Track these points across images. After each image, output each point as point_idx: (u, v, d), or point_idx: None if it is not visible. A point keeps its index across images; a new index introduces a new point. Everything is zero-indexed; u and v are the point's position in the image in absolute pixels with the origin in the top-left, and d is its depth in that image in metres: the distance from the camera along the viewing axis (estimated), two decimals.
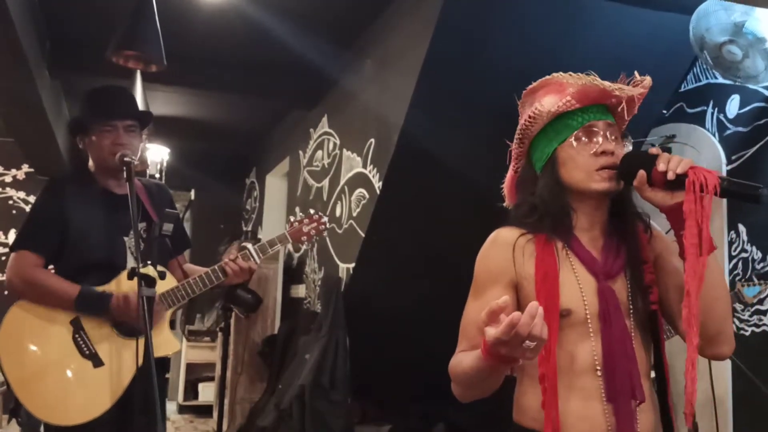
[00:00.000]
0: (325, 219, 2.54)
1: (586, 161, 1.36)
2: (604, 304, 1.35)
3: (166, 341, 2.29)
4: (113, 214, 2.29)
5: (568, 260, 1.37)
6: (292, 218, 2.53)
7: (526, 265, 1.37)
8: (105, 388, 2.15)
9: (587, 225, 1.41)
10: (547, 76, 1.42)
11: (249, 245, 2.38)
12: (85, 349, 2.19)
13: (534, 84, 1.44)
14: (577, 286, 1.36)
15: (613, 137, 1.39)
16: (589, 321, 1.35)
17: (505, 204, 1.57)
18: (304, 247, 2.48)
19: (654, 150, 1.32)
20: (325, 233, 2.59)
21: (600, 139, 1.37)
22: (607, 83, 1.36)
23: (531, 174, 1.44)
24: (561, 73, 1.40)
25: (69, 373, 2.17)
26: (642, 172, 1.30)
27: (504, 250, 1.38)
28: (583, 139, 1.38)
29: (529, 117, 1.40)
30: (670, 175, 1.27)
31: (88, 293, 2.19)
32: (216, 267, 2.33)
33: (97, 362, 2.18)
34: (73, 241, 2.24)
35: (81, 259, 2.23)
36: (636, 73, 1.42)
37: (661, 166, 1.28)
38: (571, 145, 1.38)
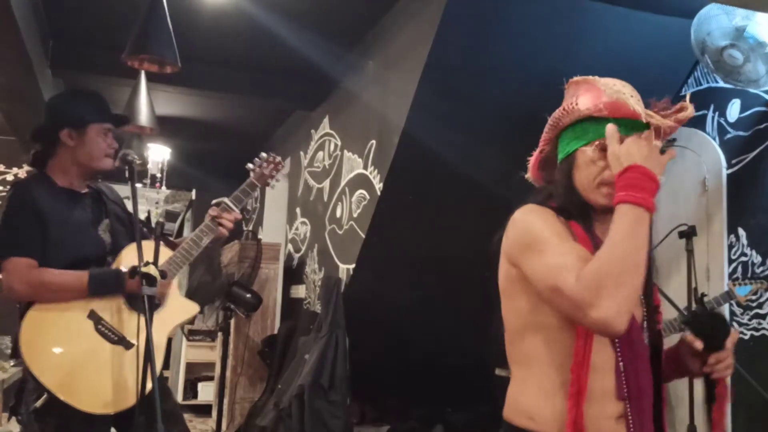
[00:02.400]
0: (279, 158, 2.61)
1: (594, 172, 1.37)
2: None
3: (183, 306, 2.37)
4: (82, 211, 2.33)
5: None
6: (250, 165, 2.60)
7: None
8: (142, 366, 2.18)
9: (604, 229, 1.37)
10: (593, 77, 1.42)
11: (224, 198, 2.47)
12: (112, 335, 2.21)
13: (581, 78, 1.44)
14: None
15: None
16: None
17: (527, 175, 1.57)
18: (271, 186, 2.57)
19: (733, 336, 1.37)
20: (285, 172, 2.71)
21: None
22: (639, 108, 1.34)
23: (554, 161, 1.47)
24: (607, 78, 1.40)
25: (106, 362, 2.19)
26: (698, 345, 1.36)
27: (551, 215, 1.36)
28: (601, 151, 1.37)
29: (564, 109, 1.41)
30: (707, 369, 1.37)
31: (99, 274, 2.22)
32: (202, 226, 2.41)
33: (128, 344, 2.21)
34: (53, 239, 2.24)
35: (63, 257, 2.23)
36: (660, 97, 1.42)
37: (707, 368, 1.37)
38: (590, 151, 1.38)
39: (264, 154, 2.60)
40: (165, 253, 2.34)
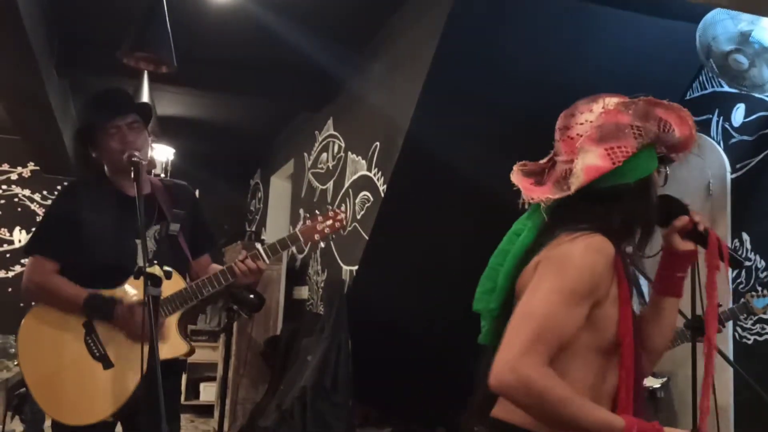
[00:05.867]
0: (342, 216, 2.41)
1: (657, 193, 1.46)
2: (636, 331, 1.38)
3: (172, 343, 2.29)
4: (126, 217, 2.26)
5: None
6: (306, 214, 2.48)
7: (613, 284, 1.33)
8: (113, 390, 2.17)
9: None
10: (674, 104, 1.40)
11: (258, 245, 2.36)
12: (96, 350, 2.21)
13: (660, 100, 1.40)
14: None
15: None
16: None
17: (573, 188, 1.41)
18: (321, 245, 2.37)
19: (686, 201, 1.47)
20: (343, 231, 2.49)
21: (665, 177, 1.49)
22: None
23: (614, 177, 1.36)
24: (683, 109, 1.40)
25: (80, 375, 2.19)
26: (686, 218, 1.44)
27: (608, 263, 1.31)
28: (658, 173, 1.45)
29: (660, 128, 1.37)
30: (701, 227, 1.44)
31: (94, 298, 2.21)
32: (225, 268, 2.33)
33: (107, 364, 2.20)
34: (84, 243, 2.24)
35: (91, 262, 2.24)
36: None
37: (696, 218, 1.45)
38: (655, 174, 1.42)
39: (328, 207, 2.41)
40: (178, 283, 2.29)
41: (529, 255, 1.36)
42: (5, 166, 7.45)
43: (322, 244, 2.35)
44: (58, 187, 7.31)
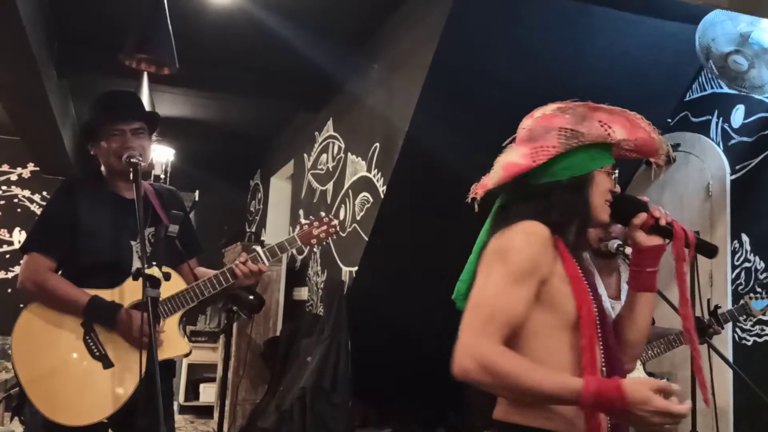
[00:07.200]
0: (336, 222, 2.51)
1: (605, 192, 1.50)
2: (603, 311, 1.45)
3: (174, 343, 2.29)
4: (122, 218, 2.27)
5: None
6: (302, 221, 2.53)
7: (556, 263, 1.41)
8: (114, 390, 2.16)
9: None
10: (619, 109, 1.49)
11: (258, 248, 2.38)
12: (96, 350, 2.20)
13: (602, 105, 1.49)
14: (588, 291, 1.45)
15: None
16: (598, 325, 1.41)
17: (491, 183, 1.54)
18: (315, 249, 2.43)
19: (644, 198, 1.54)
20: (335, 237, 2.58)
21: (614, 180, 1.56)
22: (662, 144, 1.51)
23: (546, 175, 1.46)
24: (636, 114, 1.49)
25: (79, 374, 2.17)
26: (644, 215, 1.49)
27: (544, 243, 1.40)
28: (608, 174, 1.52)
29: (595, 129, 1.45)
30: (663, 221, 1.49)
31: (97, 303, 2.20)
32: (225, 270, 2.33)
33: (107, 364, 2.19)
34: (80, 243, 2.24)
35: (87, 262, 2.24)
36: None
37: (656, 213, 1.50)
38: (603, 174, 1.50)
39: (322, 214, 2.53)
40: (178, 284, 2.30)
41: (483, 250, 1.48)
42: (5, 167, 7.46)
43: (317, 249, 2.42)
44: (11, 188, 7.33)
